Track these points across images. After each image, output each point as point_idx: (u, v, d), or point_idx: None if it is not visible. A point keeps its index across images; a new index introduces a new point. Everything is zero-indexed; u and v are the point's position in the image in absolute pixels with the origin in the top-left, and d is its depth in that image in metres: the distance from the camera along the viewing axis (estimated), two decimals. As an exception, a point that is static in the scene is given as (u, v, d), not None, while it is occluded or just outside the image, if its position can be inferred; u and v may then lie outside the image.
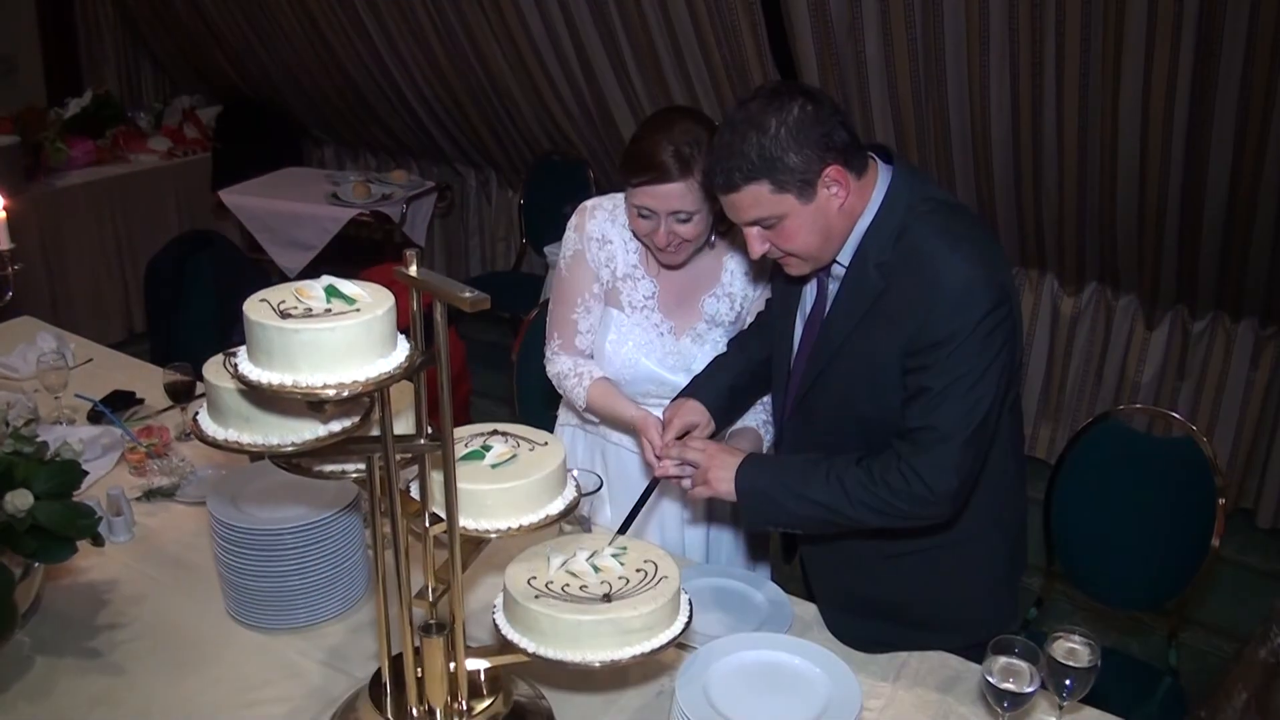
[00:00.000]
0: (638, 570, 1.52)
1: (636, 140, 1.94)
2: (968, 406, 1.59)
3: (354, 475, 1.48)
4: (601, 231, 2.11)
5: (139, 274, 5.01)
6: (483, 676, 1.57)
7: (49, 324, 3.10)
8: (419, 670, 1.49)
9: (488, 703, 1.54)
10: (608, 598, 1.46)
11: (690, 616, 1.52)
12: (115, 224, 5.25)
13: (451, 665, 1.49)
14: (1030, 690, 1.49)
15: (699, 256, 2.09)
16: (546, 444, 1.57)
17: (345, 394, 1.20)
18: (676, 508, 2.20)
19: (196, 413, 1.38)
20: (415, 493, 1.50)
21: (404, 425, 1.48)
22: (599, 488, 1.98)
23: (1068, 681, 1.49)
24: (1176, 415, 2.51)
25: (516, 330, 2.99)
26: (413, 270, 1.32)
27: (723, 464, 1.77)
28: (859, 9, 3.56)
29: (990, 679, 1.51)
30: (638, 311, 2.11)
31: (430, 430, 1.43)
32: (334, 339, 1.20)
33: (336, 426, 1.32)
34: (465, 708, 1.51)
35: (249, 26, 5.56)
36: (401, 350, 1.28)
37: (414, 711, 1.50)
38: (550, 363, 2.18)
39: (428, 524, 1.46)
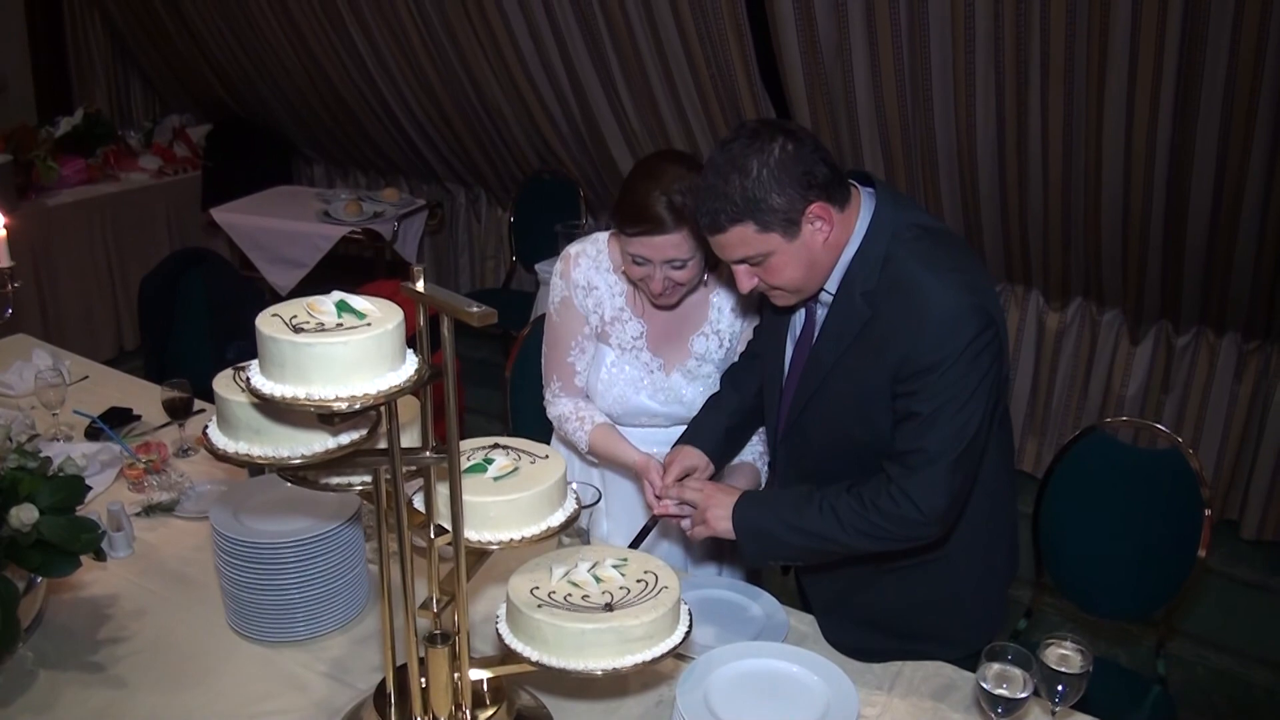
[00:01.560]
0: (638, 580, 1.55)
1: (628, 190, 1.95)
2: (956, 429, 1.62)
3: (359, 488, 1.50)
4: (586, 279, 2.13)
5: (130, 292, 5.02)
6: (485, 686, 1.59)
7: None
8: (423, 680, 1.51)
9: (491, 712, 1.56)
10: (609, 607, 1.49)
11: (690, 625, 1.54)
12: (106, 242, 5.26)
13: (455, 675, 1.51)
14: (1024, 696, 1.52)
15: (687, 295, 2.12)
16: (547, 457, 1.59)
17: (357, 406, 1.23)
18: (679, 551, 2.23)
19: (206, 426, 1.40)
20: (419, 504, 1.52)
21: (409, 438, 1.50)
22: (597, 500, 2.00)
23: (1060, 688, 1.52)
24: (1162, 428, 2.51)
25: (506, 347, 3.02)
26: (419, 286, 1.35)
27: (719, 503, 1.80)
28: (846, 29, 3.62)
29: (984, 685, 1.53)
30: (627, 352, 2.13)
31: (434, 443, 1.45)
32: (346, 353, 1.23)
33: (346, 439, 1.34)
34: (469, 717, 1.53)
35: (239, 45, 5.59)
36: (410, 364, 1.30)
37: (418, 721, 1.52)
38: (551, 405, 2.21)
39: (433, 535, 1.49)
